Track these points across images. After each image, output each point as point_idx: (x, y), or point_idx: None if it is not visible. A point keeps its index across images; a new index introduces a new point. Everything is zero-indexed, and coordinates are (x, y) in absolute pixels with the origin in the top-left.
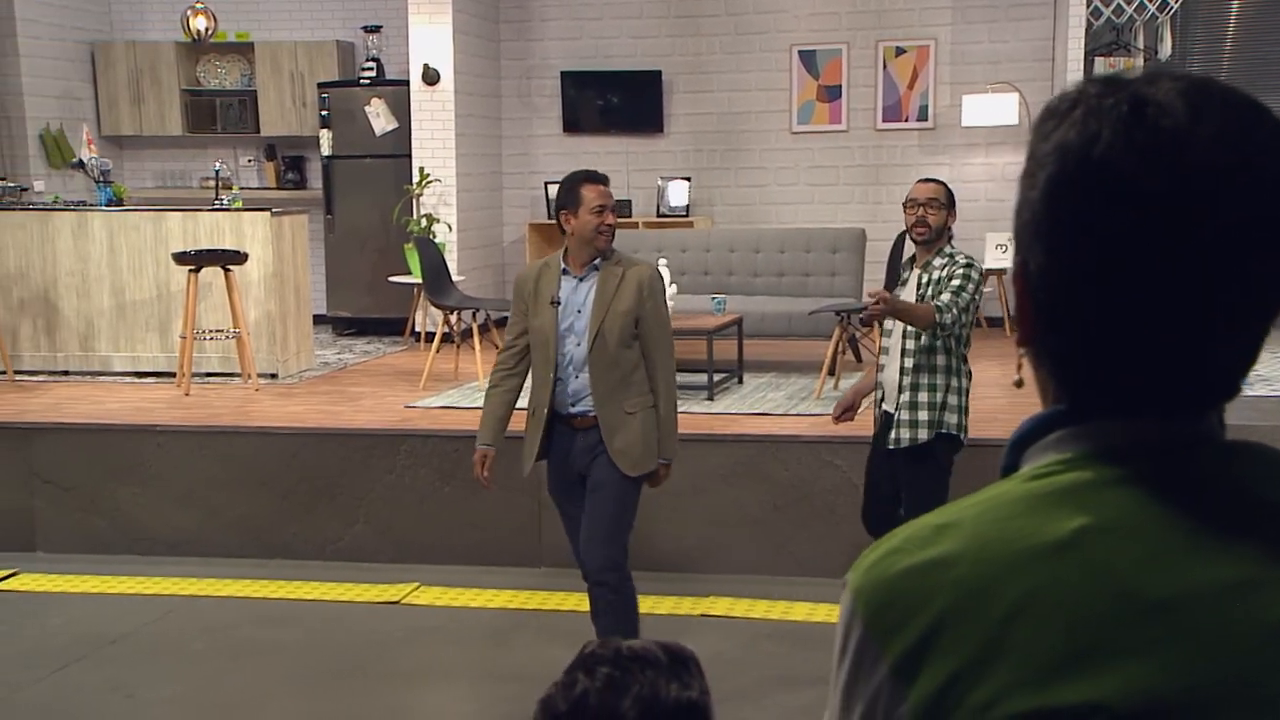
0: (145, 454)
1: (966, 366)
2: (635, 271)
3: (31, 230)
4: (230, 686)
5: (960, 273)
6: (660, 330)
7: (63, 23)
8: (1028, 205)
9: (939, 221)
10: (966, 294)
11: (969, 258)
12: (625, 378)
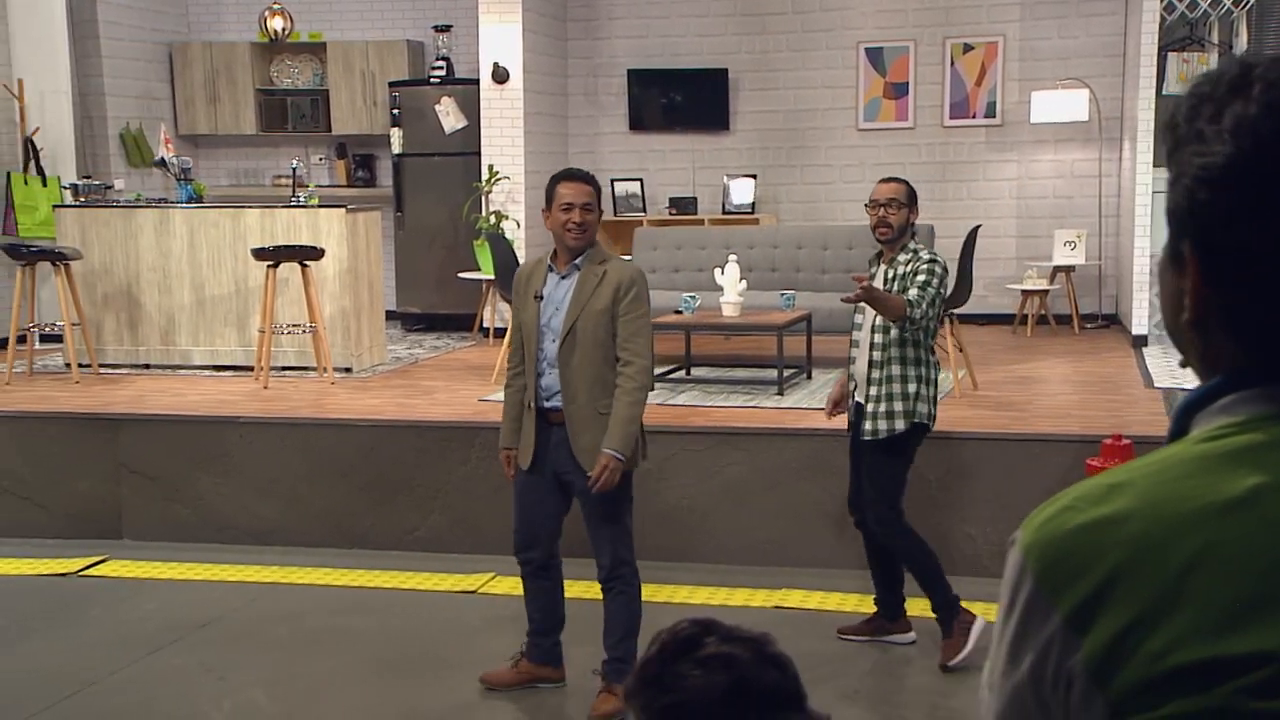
0: (228, 445)
1: (934, 358)
2: (616, 271)
3: (116, 227)
4: (316, 671)
5: (924, 268)
6: (632, 331)
7: (142, 24)
8: (1205, 187)
9: (900, 220)
10: (932, 288)
11: (932, 253)
12: (599, 377)
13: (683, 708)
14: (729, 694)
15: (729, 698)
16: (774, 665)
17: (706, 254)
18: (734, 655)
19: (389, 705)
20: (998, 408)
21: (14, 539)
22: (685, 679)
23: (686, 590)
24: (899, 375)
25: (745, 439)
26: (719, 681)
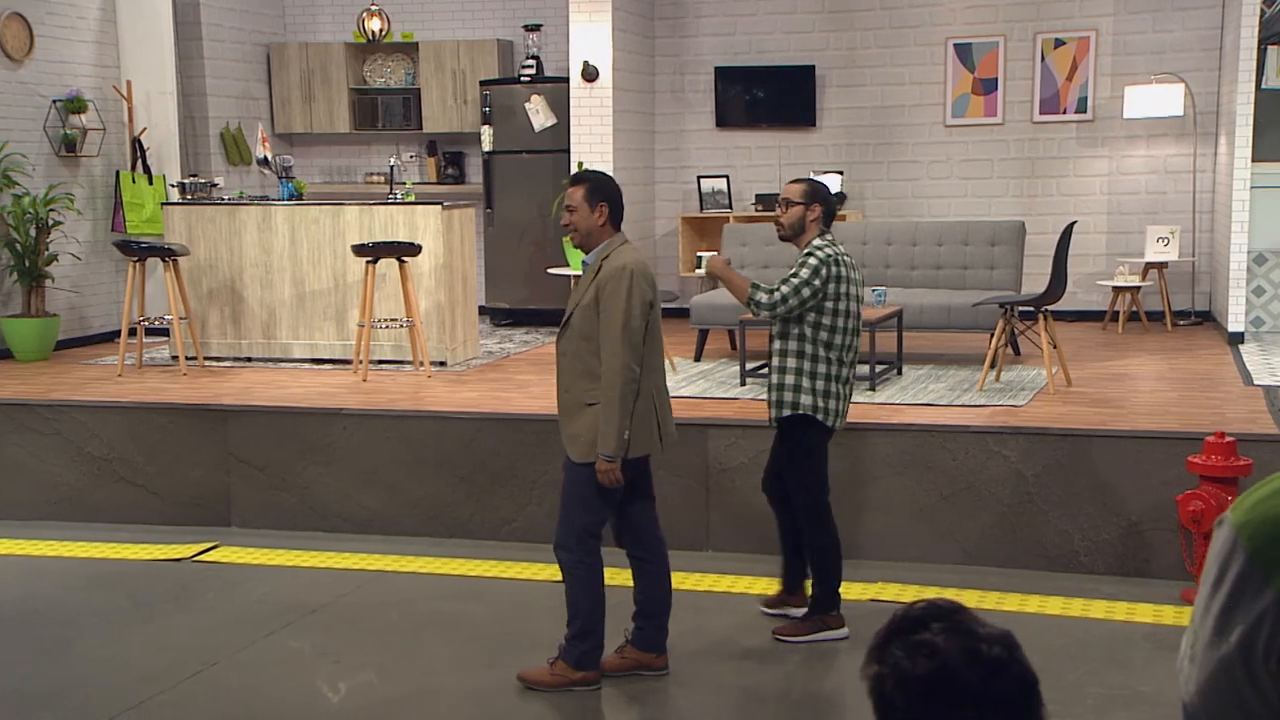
0: (332, 436)
1: (828, 354)
2: (607, 266)
3: (220, 224)
4: (427, 655)
5: (801, 262)
6: (607, 325)
7: (242, 26)
8: None
9: (792, 218)
10: (797, 279)
11: (826, 253)
12: (588, 369)
13: (882, 683)
14: (925, 683)
15: (924, 686)
16: (984, 667)
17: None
18: (941, 647)
19: (499, 689)
20: (1093, 404)
21: (130, 525)
22: (892, 657)
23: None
24: (779, 366)
25: (839, 433)
26: (918, 668)
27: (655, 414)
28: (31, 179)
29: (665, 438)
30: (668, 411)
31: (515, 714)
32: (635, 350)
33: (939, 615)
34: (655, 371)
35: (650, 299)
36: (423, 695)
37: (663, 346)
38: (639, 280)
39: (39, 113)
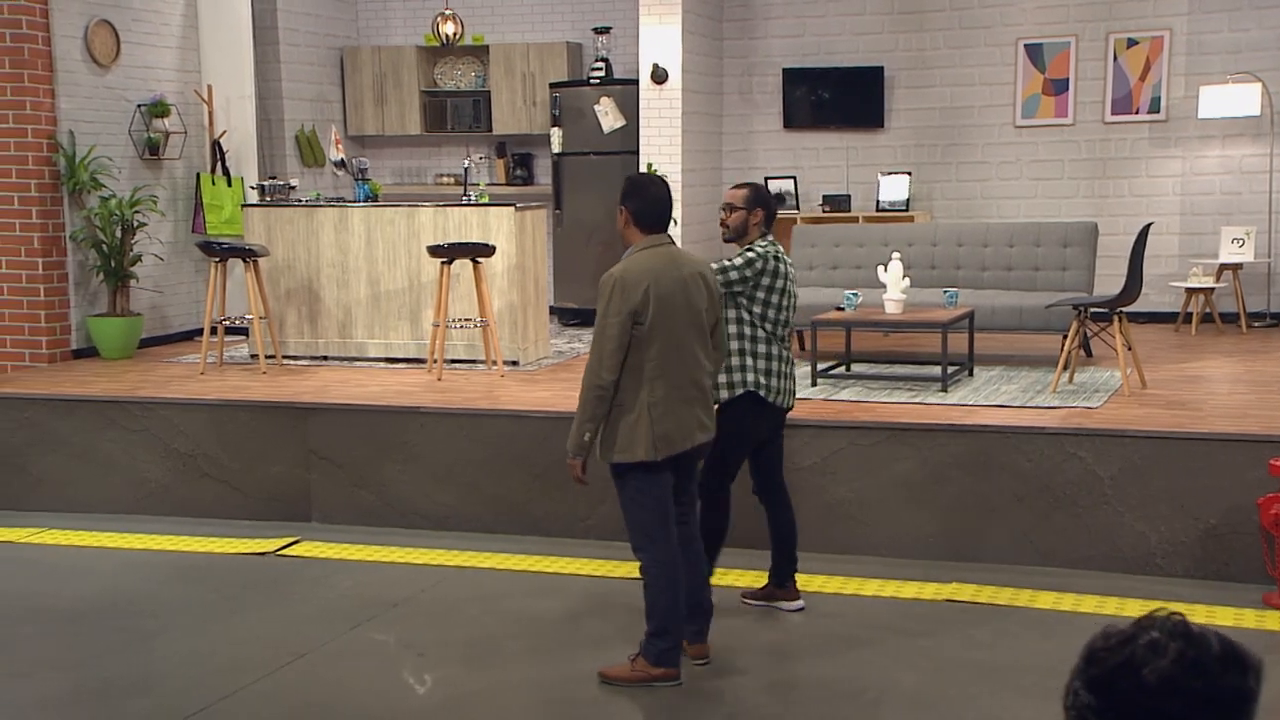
0: (409, 433)
1: (768, 334)
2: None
3: (298, 225)
4: (510, 649)
5: (736, 254)
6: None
7: (317, 30)
8: None
9: (736, 221)
10: (728, 264)
11: (760, 250)
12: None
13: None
14: (1156, 688)
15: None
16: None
17: (865, 251)
18: (1183, 653)
19: (579, 683)
20: (1170, 406)
21: (214, 519)
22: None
23: (856, 582)
24: (733, 349)
25: (913, 434)
26: (1150, 675)
27: (650, 423)
28: (117, 181)
29: (659, 444)
30: (679, 421)
31: (594, 708)
32: (607, 359)
33: (1159, 625)
34: (657, 381)
35: (636, 306)
36: (504, 688)
37: (680, 353)
38: (621, 288)
39: (124, 117)
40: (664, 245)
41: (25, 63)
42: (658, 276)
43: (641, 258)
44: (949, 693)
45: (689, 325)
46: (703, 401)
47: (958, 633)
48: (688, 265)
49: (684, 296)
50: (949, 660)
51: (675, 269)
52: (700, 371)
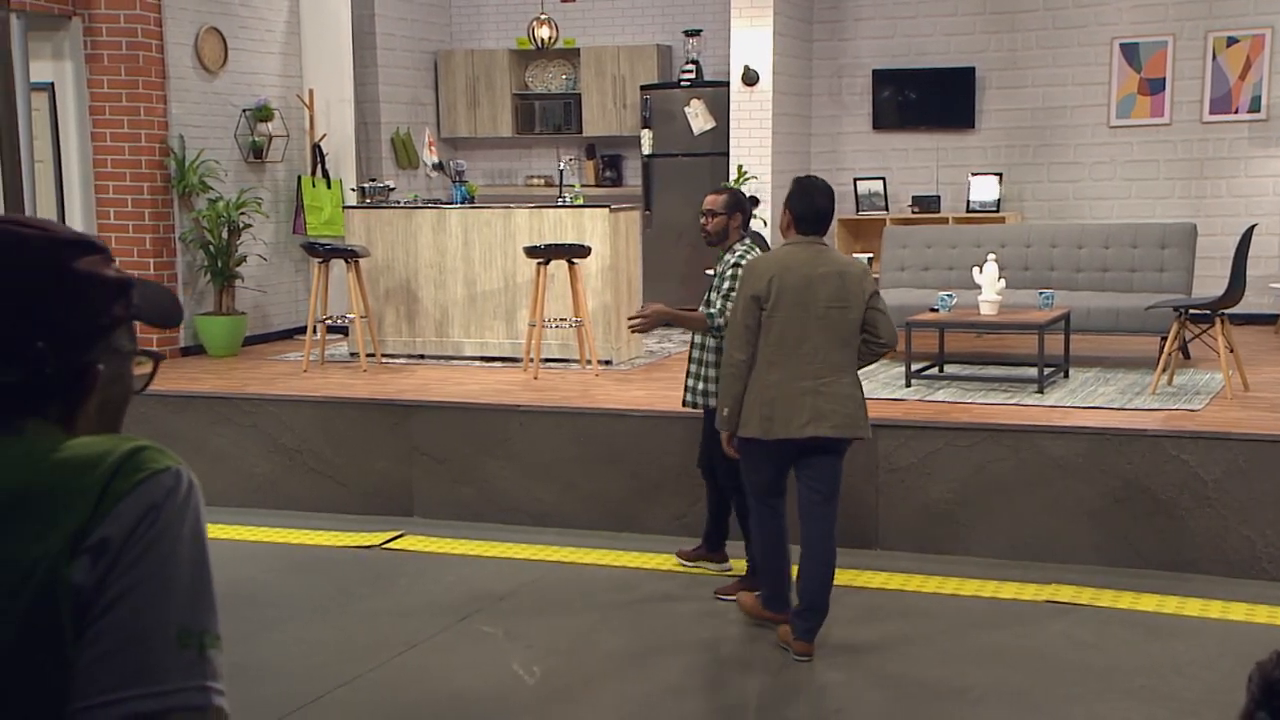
0: (509, 431)
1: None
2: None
3: (397, 226)
4: (614, 643)
5: (729, 274)
6: None
7: (412, 34)
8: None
9: (716, 226)
10: (733, 295)
11: (743, 255)
12: None
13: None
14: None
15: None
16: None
17: (957, 252)
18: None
19: (688, 676)
20: (1274, 409)
21: (321, 513)
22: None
23: (955, 582)
24: (700, 358)
25: (1011, 435)
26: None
27: (759, 405)
28: (224, 184)
29: (767, 425)
30: (790, 407)
31: (695, 701)
32: (735, 339)
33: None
34: (771, 366)
35: (758, 293)
36: (613, 681)
37: (798, 344)
38: (746, 276)
39: (231, 121)
40: (809, 244)
41: (140, 70)
42: (786, 269)
43: (780, 251)
44: (1055, 693)
45: (813, 320)
46: (825, 396)
47: (1060, 633)
48: (827, 264)
49: (809, 292)
50: (1053, 661)
51: (809, 266)
52: (824, 367)
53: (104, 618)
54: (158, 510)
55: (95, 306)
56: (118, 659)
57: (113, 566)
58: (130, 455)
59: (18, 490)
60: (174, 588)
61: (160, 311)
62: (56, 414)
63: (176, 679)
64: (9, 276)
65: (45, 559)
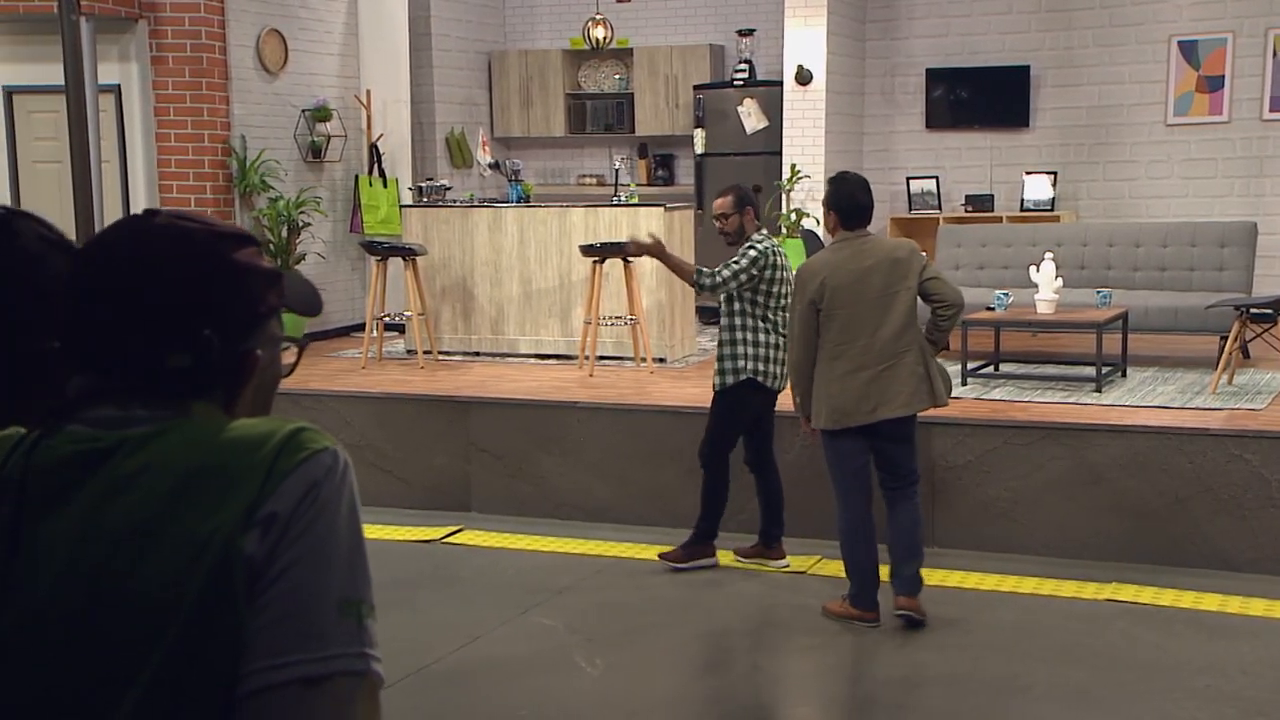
0: (567, 427)
1: (765, 325)
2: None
3: (454, 225)
4: (672, 637)
5: (741, 253)
6: None
7: (467, 35)
8: None
9: (732, 226)
10: (737, 266)
11: (764, 246)
12: None
13: None
14: None
15: None
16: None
17: (1012, 251)
18: None
19: (746, 669)
20: None
21: (380, 508)
22: None
23: (1014, 580)
24: (727, 339)
25: (1070, 434)
26: None
27: (827, 397)
28: (283, 183)
29: (835, 415)
30: (859, 395)
31: (757, 693)
32: (795, 340)
33: None
34: (835, 360)
35: (812, 297)
36: (669, 671)
37: (859, 335)
38: (800, 282)
39: (290, 121)
40: (854, 239)
41: (203, 71)
42: (835, 268)
43: (825, 253)
44: (1118, 691)
45: (870, 310)
46: (888, 379)
47: (1122, 632)
48: (874, 254)
49: (863, 285)
50: (1115, 659)
51: (857, 260)
52: (885, 353)
53: (273, 587)
54: (318, 487)
55: (254, 296)
56: (286, 626)
57: (280, 539)
58: (292, 436)
59: (194, 468)
60: (334, 560)
61: (304, 301)
62: (219, 397)
63: (338, 645)
64: (180, 269)
65: (221, 531)
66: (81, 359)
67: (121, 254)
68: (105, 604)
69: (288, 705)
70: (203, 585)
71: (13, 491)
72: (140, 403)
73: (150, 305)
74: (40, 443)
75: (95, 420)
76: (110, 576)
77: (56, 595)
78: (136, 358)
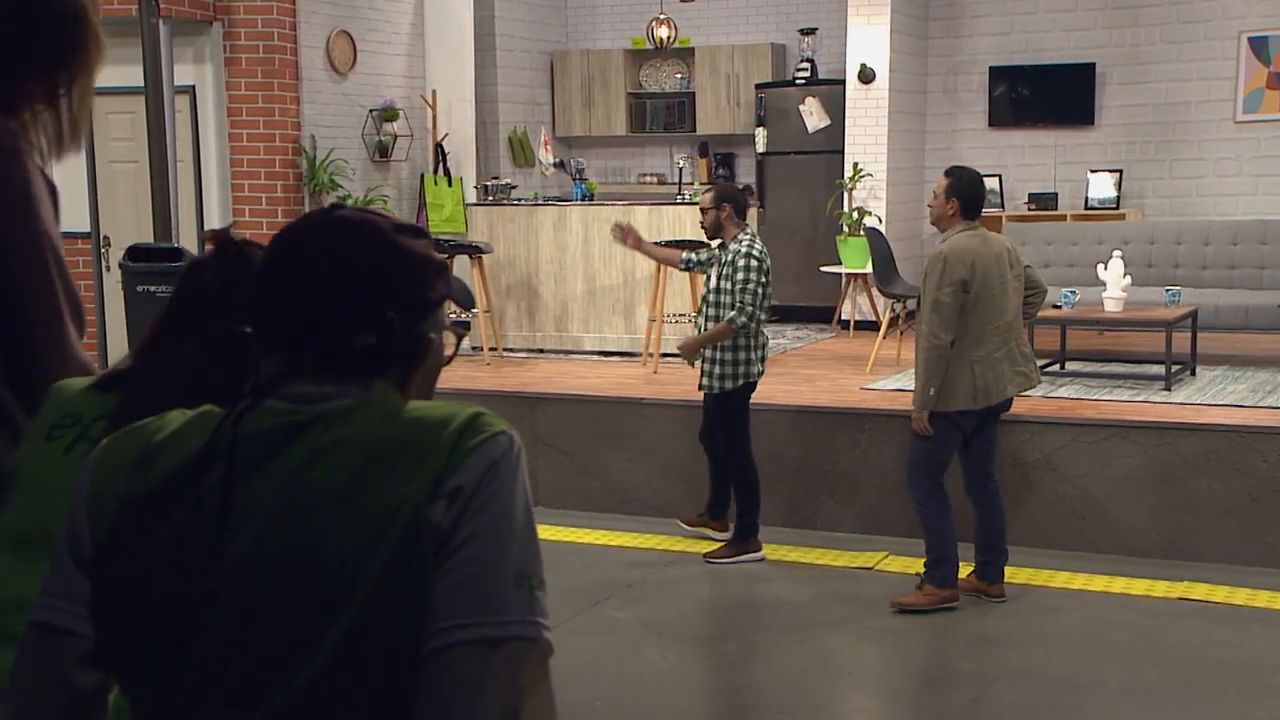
0: (632, 424)
1: (756, 325)
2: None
3: (519, 223)
4: (743, 629)
5: (742, 264)
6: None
7: (529, 35)
8: None
9: (710, 221)
10: (752, 284)
11: (757, 250)
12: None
13: None
14: None
15: None
16: None
17: (1078, 250)
18: None
19: (813, 663)
20: None
21: None
22: None
23: (1083, 578)
24: (730, 344)
25: (1141, 432)
26: None
27: (972, 376)
28: (351, 182)
29: (980, 395)
30: (996, 375)
31: (823, 687)
32: (944, 323)
33: None
34: (980, 342)
35: (964, 278)
36: (741, 664)
37: (1004, 320)
38: (951, 264)
39: (358, 122)
40: (978, 229)
41: (275, 72)
42: (978, 253)
43: (962, 238)
44: (1195, 689)
45: (1001, 293)
46: (1019, 358)
47: (1196, 630)
48: (995, 243)
49: (999, 270)
50: (1190, 658)
51: (988, 246)
52: (1015, 332)
53: (457, 554)
54: (497, 467)
55: (428, 283)
56: (469, 591)
57: (464, 510)
58: (473, 419)
59: (383, 443)
60: (511, 535)
61: (462, 293)
62: (395, 378)
63: (515, 613)
64: (366, 256)
65: (409, 500)
66: (275, 341)
67: (313, 243)
68: (299, 565)
69: (469, 662)
70: (392, 550)
71: (224, 457)
72: (332, 380)
73: (340, 289)
74: (244, 415)
75: (293, 396)
76: (305, 540)
77: (254, 556)
78: (328, 338)
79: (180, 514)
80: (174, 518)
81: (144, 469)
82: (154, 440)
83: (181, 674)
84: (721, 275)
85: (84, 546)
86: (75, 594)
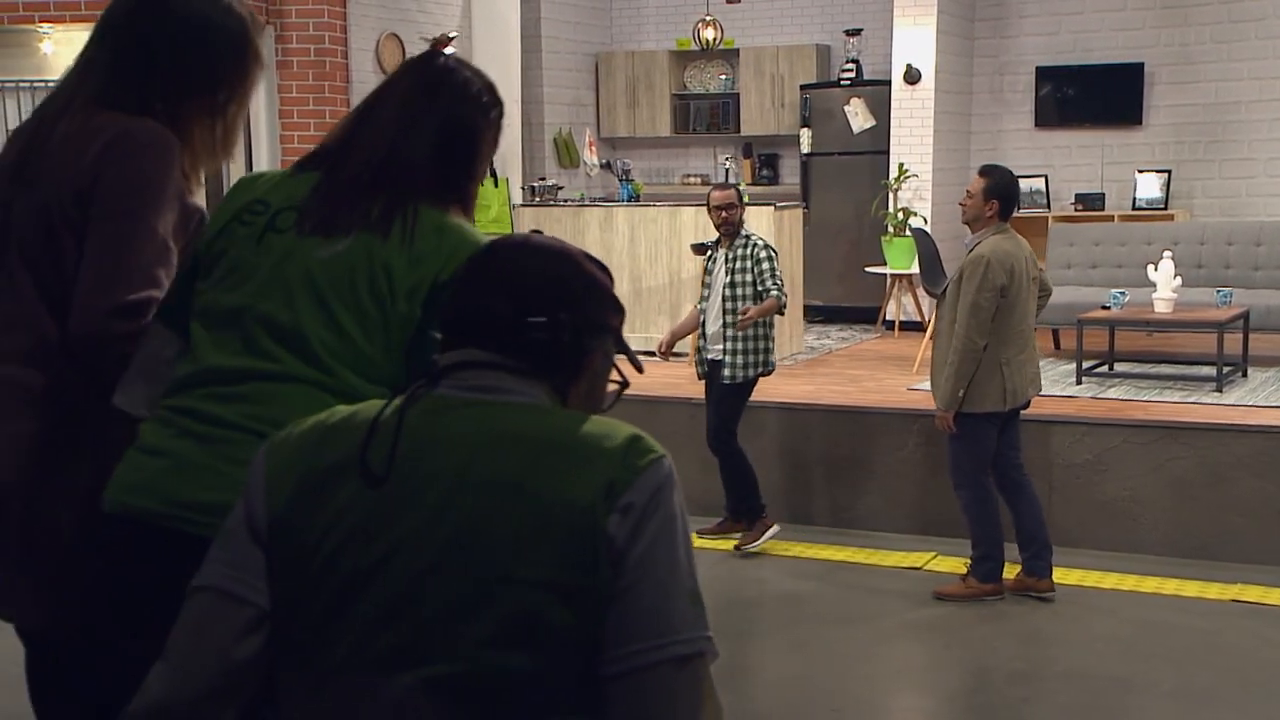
0: (679, 423)
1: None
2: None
3: (565, 224)
4: (801, 625)
5: (764, 255)
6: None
7: (575, 36)
8: None
9: (736, 218)
10: (778, 271)
11: (759, 238)
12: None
13: None
14: None
15: None
16: None
17: (1126, 250)
18: None
19: (862, 663)
20: None
21: None
22: None
23: (1134, 579)
24: (753, 334)
25: (1192, 434)
26: None
27: (1002, 378)
28: None
29: (1010, 397)
30: (1022, 377)
31: (877, 691)
32: (980, 326)
33: None
34: (1009, 344)
35: (1004, 284)
36: (776, 662)
37: (1028, 323)
38: (993, 268)
39: None
40: (1009, 230)
41: (325, 75)
42: (1015, 257)
43: (999, 241)
44: (1249, 691)
45: (1027, 297)
46: (1033, 361)
47: (1250, 633)
48: (1025, 247)
49: (1027, 274)
50: (1244, 660)
51: (1021, 249)
52: (1031, 336)
53: (638, 576)
54: (661, 490)
55: (602, 305)
56: (655, 615)
57: (636, 528)
58: (636, 437)
59: (550, 440)
60: (681, 557)
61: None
62: (557, 387)
63: (693, 629)
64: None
65: (580, 501)
66: (460, 338)
67: (509, 258)
68: (464, 545)
69: (664, 680)
70: (561, 544)
71: (390, 435)
72: (503, 374)
73: (525, 292)
74: (418, 398)
75: (466, 385)
76: (472, 521)
77: (421, 532)
78: (504, 326)
79: (351, 487)
80: (345, 490)
81: (321, 447)
82: (330, 421)
83: (338, 640)
84: (735, 269)
85: (260, 521)
86: (249, 565)
